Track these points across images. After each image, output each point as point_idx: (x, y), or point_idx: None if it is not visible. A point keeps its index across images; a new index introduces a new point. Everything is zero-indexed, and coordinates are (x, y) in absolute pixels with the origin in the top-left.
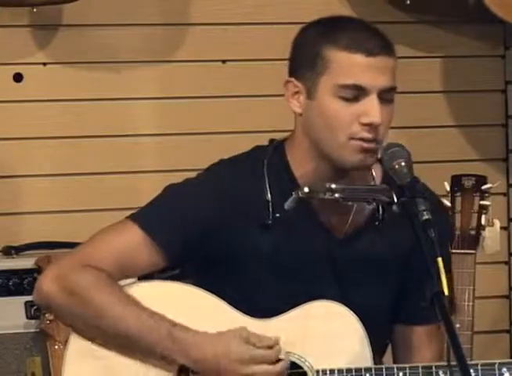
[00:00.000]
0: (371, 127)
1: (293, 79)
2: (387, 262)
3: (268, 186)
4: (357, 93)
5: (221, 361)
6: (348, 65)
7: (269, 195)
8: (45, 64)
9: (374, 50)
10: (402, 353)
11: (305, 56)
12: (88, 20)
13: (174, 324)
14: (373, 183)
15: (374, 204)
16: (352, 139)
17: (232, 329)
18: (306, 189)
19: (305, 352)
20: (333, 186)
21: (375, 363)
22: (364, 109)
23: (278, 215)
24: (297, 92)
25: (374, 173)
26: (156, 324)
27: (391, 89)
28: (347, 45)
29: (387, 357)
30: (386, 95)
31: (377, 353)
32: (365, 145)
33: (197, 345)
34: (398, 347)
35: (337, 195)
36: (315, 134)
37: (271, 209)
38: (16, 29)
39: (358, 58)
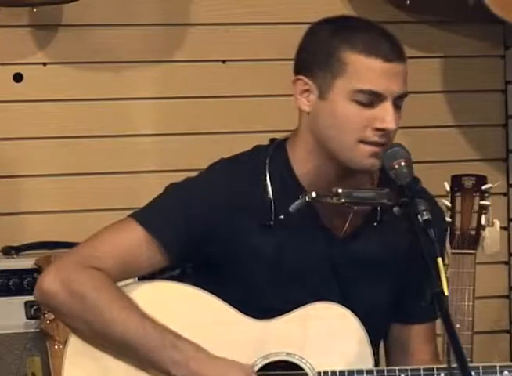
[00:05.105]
0: (384, 132)
1: (303, 77)
2: (385, 261)
3: (269, 185)
4: (372, 98)
5: None
6: (365, 69)
7: (271, 195)
8: (45, 64)
9: (390, 56)
10: (397, 352)
11: (318, 55)
12: (88, 20)
13: (178, 336)
14: (370, 185)
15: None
16: (362, 142)
17: (241, 363)
18: (314, 194)
19: (306, 353)
20: (340, 190)
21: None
22: (379, 114)
23: (281, 216)
24: (306, 90)
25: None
26: (159, 333)
27: (404, 95)
28: (364, 49)
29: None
30: (399, 102)
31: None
32: (376, 149)
33: (200, 360)
34: (392, 346)
35: (343, 199)
36: (324, 133)
37: (273, 209)
38: (16, 29)
39: (375, 63)
